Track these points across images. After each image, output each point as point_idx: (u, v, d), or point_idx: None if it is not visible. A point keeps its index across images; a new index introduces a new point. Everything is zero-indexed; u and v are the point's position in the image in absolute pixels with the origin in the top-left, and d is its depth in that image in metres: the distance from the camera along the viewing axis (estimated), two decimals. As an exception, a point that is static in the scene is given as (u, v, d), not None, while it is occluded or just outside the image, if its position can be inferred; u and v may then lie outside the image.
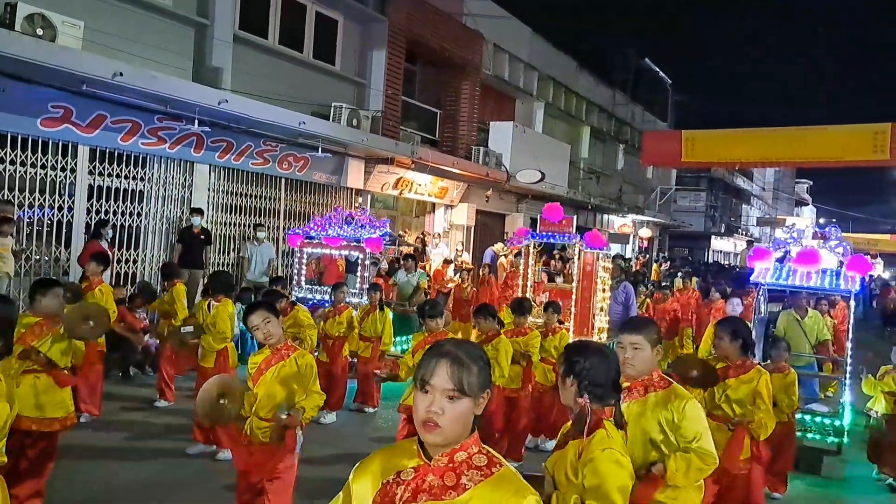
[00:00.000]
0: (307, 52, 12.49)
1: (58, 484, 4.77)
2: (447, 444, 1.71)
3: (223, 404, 3.64)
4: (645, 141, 19.89)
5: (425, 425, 1.69)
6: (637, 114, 26.90)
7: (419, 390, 1.72)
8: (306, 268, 9.62)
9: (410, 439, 1.82)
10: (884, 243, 35.01)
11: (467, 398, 1.70)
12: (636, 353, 2.92)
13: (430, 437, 1.70)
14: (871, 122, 15.59)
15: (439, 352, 1.74)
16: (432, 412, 1.68)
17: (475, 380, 1.70)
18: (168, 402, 7.17)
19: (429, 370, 1.71)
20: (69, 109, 8.40)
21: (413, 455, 1.76)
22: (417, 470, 1.73)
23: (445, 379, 1.69)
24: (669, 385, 2.96)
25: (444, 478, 1.70)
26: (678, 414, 2.85)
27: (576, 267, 8.61)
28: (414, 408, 1.73)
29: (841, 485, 6.19)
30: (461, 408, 1.69)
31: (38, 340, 4.27)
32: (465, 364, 1.70)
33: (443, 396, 1.68)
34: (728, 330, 4.09)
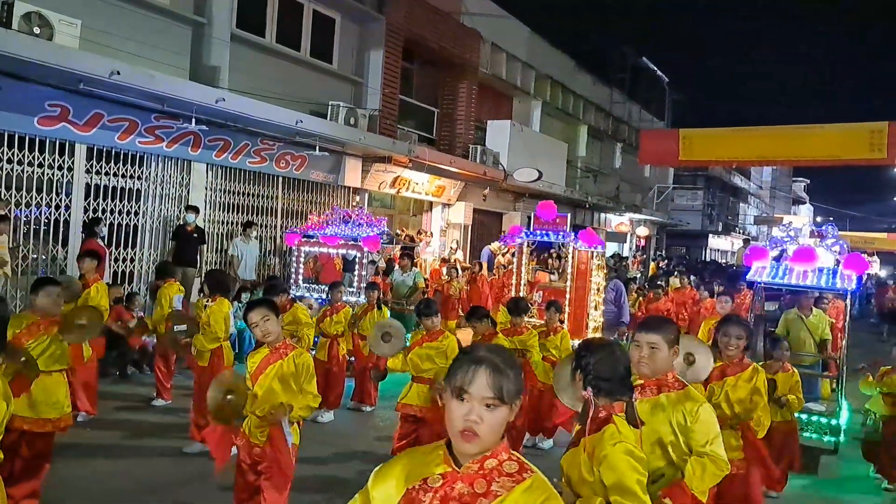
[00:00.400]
0: (304, 51, 12.48)
1: (55, 483, 4.77)
2: (481, 452, 1.67)
3: (230, 400, 3.66)
4: (642, 140, 19.90)
5: (463, 435, 1.63)
6: (634, 112, 26.91)
7: (455, 398, 1.66)
8: (303, 266, 9.63)
9: (436, 444, 1.76)
10: (880, 241, 35.08)
11: (504, 406, 1.66)
12: (653, 353, 2.87)
13: (467, 447, 1.65)
14: (869, 121, 15.62)
15: (476, 358, 1.68)
16: (471, 421, 1.63)
17: (512, 387, 1.66)
18: (165, 400, 7.17)
19: (466, 378, 1.65)
20: (66, 108, 8.38)
21: (440, 461, 1.71)
22: (445, 477, 1.68)
23: (485, 387, 1.64)
24: (684, 387, 2.90)
25: (475, 485, 1.65)
26: (691, 417, 2.80)
27: (570, 265, 8.55)
28: (448, 417, 1.67)
29: (837, 484, 6.21)
30: (499, 416, 1.65)
31: (34, 340, 4.25)
32: (503, 371, 1.66)
33: (481, 405, 1.64)
34: (745, 330, 4.09)
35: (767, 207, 47.36)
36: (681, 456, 2.83)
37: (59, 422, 4.35)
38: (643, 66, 27.82)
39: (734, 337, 4.03)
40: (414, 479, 1.71)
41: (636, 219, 26.62)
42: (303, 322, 6.65)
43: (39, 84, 7.98)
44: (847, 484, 6.22)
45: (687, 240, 35.37)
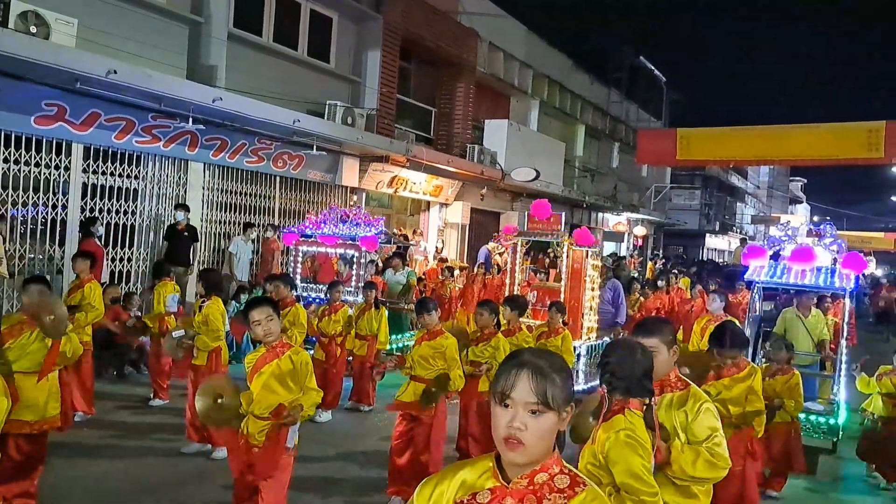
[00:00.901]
0: (302, 50, 12.46)
1: (52, 482, 4.76)
2: (529, 463, 1.59)
3: (221, 403, 3.63)
4: (640, 139, 19.93)
5: (507, 442, 1.56)
6: (632, 112, 26.92)
7: (498, 405, 1.59)
8: (301, 266, 9.61)
9: (485, 456, 1.69)
10: (877, 241, 35.19)
11: (552, 412, 1.57)
12: (653, 356, 2.86)
13: (512, 456, 1.57)
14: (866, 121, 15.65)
15: (519, 362, 1.60)
16: (514, 428, 1.55)
17: (559, 392, 1.58)
18: (163, 400, 7.15)
19: (509, 382, 1.58)
20: (63, 107, 8.35)
21: (489, 474, 1.63)
22: (494, 492, 1.61)
23: (528, 392, 1.56)
24: (687, 386, 2.93)
25: (524, 501, 1.58)
26: (692, 414, 2.83)
27: (564, 265, 8.50)
28: (493, 424, 1.60)
29: (836, 484, 6.21)
30: (546, 423, 1.57)
31: (14, 340, 4.16)
32: (547, 375, 1.58)
33: (525, 411, 1.56)
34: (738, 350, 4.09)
35: (765, 207, 47.43)
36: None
37: (37, 425, 4.16)
38: (641, 65, 27.84)
39: (729, 358, 4.06)
40: (462, 492, 1.64)
41: (634, 218, 26.64)
42: (298, 323, 6.63)
43: (36, 83, 7.95)
44: (846, 484, 6.23)
45: (684, 239, 35.39)
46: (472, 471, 1.67)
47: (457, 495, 1.64)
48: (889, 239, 36.94)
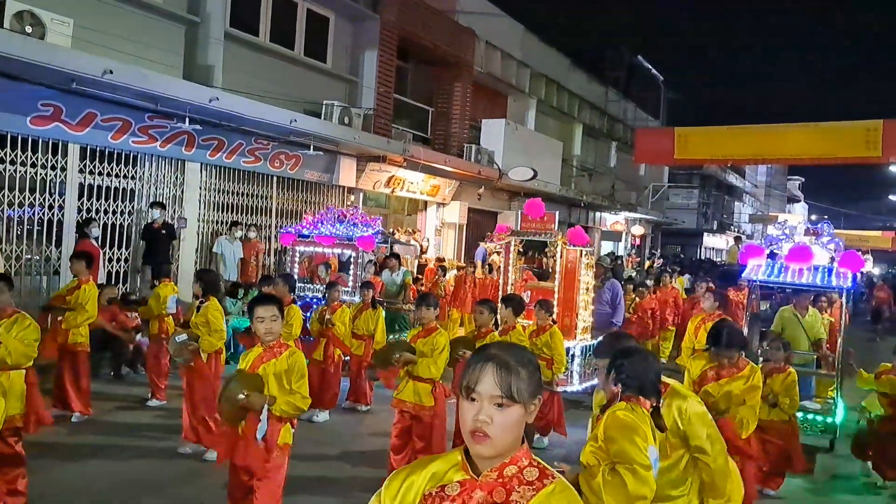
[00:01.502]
0: (298, 50, 12.44)
1: (48, 483, 4.75)
2: (497, 455, 1.60)
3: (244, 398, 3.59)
4: (637, 138, 19.92)
5: (474, 435, 1.58)
6: (630, 111, 26.94)
7: (465, 398, 1.61)
8: (299, 266, 9.59)
9: (454, 450, 1.70)
10: (874, 240, 35.25)
11: (517, 405, 1.58)
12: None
13: (479, 449, 1.59)
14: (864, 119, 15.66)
15: (484, 356, 1.62)
16: (480, 421, 1.57)
17: (525, 385, 1.59)
18: (160, 400, 7.13)
19: (474, 376, 1.59)
20: (59, 108, 8.33)
21: (458, 467, 1.65)
22: (463, 485, 1.61)
23: (493, 385, 1.57)
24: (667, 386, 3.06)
25: (494, 494, 1.58)
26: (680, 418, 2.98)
27: (558, 264, 8.47)
28: (460, 418, 1.62)
29: (833, 482, 6.21)
30: (511, 416, 1.58)
31: None
32: (512, 368, 1.59)
33: (491, 404, 1.57)
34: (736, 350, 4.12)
35: (762, 206, 47.48)
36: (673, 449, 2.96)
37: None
38: (638, 64, 27.86)
39: (725, 358, 4.12)
40: (430, 483, 1.65)
41: (631, 217, 26.65)
42: (291, 324, 6.61)
43: (32, 83, 7.93)
44: (843, 482, 6.23)
45: (682, 238, 35.42)
46: (442, 463, 1.68)
47: (426, 487, 1.65)
48: (887, 237, 37.01)
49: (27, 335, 4.33)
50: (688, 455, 2.95)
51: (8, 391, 4.18)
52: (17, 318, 4.38)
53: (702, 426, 2.94)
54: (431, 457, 1.75)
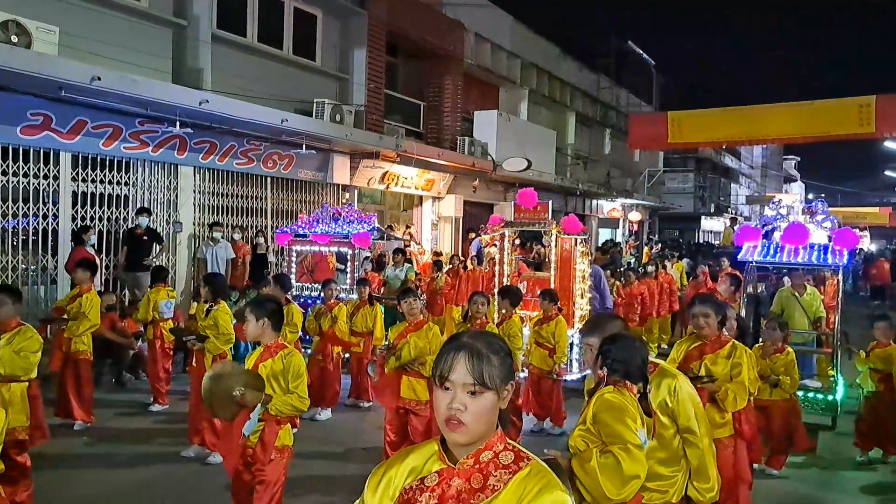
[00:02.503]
0: (287, 49, 12.40)
1: (51, 492, 4.76)
2: (472, 442, 1.61)
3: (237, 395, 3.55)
4: (631, 124, 19.85)
5: (448, 423, 1.59)
6: (622, 97, 26.88)
7: (439, 387, 1.62)
8: (296, 266, 9.59)
9: (431, 440, 1.73)
10: (872, 216, 35.19)
11: (490, 392, 1.60)
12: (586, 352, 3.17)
13: (454, 436, 1.60)
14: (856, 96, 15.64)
15: (456, 345, 1.64)
16: (454, 409, 1.58)
17: (496, 371, 1.61)
18: (162, 405, 7.15)
19: (447, 365, 1.61)
20: (48, 116, 8.31)
21: (435, 457, 1.67)
22: (441, 474, 1.63)
23: (465, 373, 1.59)
24: (656, 366, 3.12)
25: (471, 480, 1.60)
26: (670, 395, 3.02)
27: (553, 253, 8.45)
28: (434, 406, 1.64)
29: (835, 460, 6.23)
30: (484, 403, 1.59)
31: None
32: (483, 356, 1.61)
33: (464, 392, 1.59)
34: (712, 306, 4.07)
35: (759, 187, 47.48)
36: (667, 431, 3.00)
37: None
38: (629, 50, 27.77)
39: (700, 316, 4.01)
40: (409, 476, 1.67)
41: (628, 204, 26.63)
42: (291, 322, 6.62)
43: (20, 93, 7.91)
44: (845, 459, 6.24)
45: (680, 222, 35.41)
46: (419, 456, 1.70)
47: (406, 482, 1.67)
48: (884, 213, 36.96)
49: (28, 346, 4.33)
50: (678, 436, 2.97)
51: (8, 403, 4.17)
52: (21, 329, 4.38)
53: (691, 406, 2.99)
54: (408, 449, 1.77)
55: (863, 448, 6.19)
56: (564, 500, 1.57)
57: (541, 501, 1.55)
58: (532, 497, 1.56)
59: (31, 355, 4.33)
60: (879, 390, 6.08)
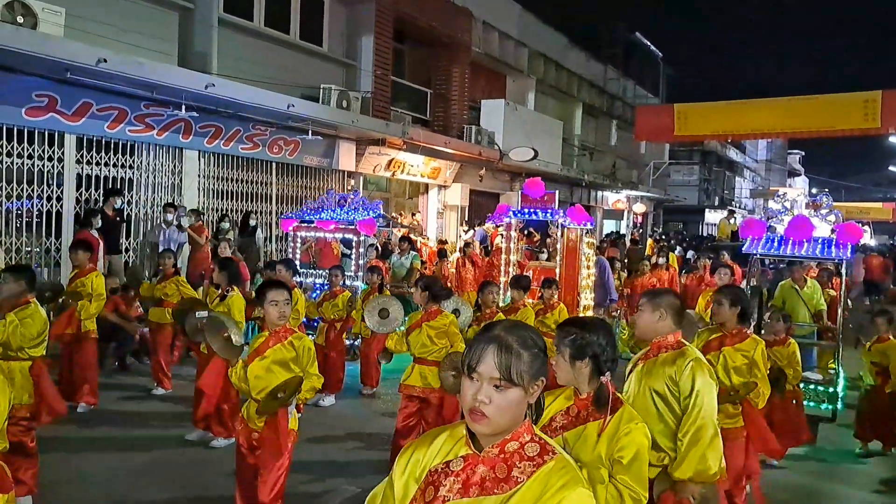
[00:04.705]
0: (294, 34, 12.35)
1: (56, 473, 4.79)
2: (496, 433, 1.60)
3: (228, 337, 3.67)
4: (637, 116, 19.78)
5: (472, 414, 1.58)
6: (629, 89, 26.75)
7: (466, 376, 1.61)
8: (301, 252, 9.59)
9: (459, 423, 1.70)
10: (875, 211, 35.07)
11: (516, 388, 1.57)
12: (639, 316, 3.17)
13: (476, 427, 1.59)
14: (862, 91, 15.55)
15: (488, 336, 1.62)
16: (478, 401, 1.56)
17: (526, 368, 1.58)
18: (165, 389, 7.17)
19: (475, 356, 1.59)
20: (54, 98, 8.30)
21: (462, 442, 1.66)
22: (467, 459, 1.63)
23: (492, 367, 1.57)
24: (681, 346, 3.08)
25: (496, 469, 1.59)
26: (679, 371, 2.97)
27: (559, 243, 8.45)
28: (461, 394, 1.62)
29: (835, 451, 6.25)
30: (510, 397, 1.57)
31: None
32: (514, 351, 1.58)
33: (490, 385, 1.57)
34: (728, 297, 4.08)
35: (763, 181, 47.33)
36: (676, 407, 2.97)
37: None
38: (636, 41, 27.61)
39: (714, 302, 4.11)
40: (437, 461, 1.66)
41: (633, 196, 26.58)
42: (295, 309, 6.61)
43: (25, 74, 7.91)
44: (845, 451, 6.27)
45: (684, 215, 35.35)
46: (448, 438, 1.69)
47: (433, 463, 1.66)
48: (888, 208, 36.81)
49: (28, 319, 4.32)
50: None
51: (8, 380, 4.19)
52: (27, 305, 4.39)
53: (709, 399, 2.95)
54: (437, 430, 1.76)
55: (863, 440, 6.24)
56: (588, 497, 1.55)
57: (563, 497, 1.53)
58: (554, 492, 1.54)
59: (31, 327, 4.31)
60: (878, 384, 6.13)
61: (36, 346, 4.39)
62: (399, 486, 1.69)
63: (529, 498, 1.55)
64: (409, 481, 1.68)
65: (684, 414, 2.94)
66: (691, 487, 2.91)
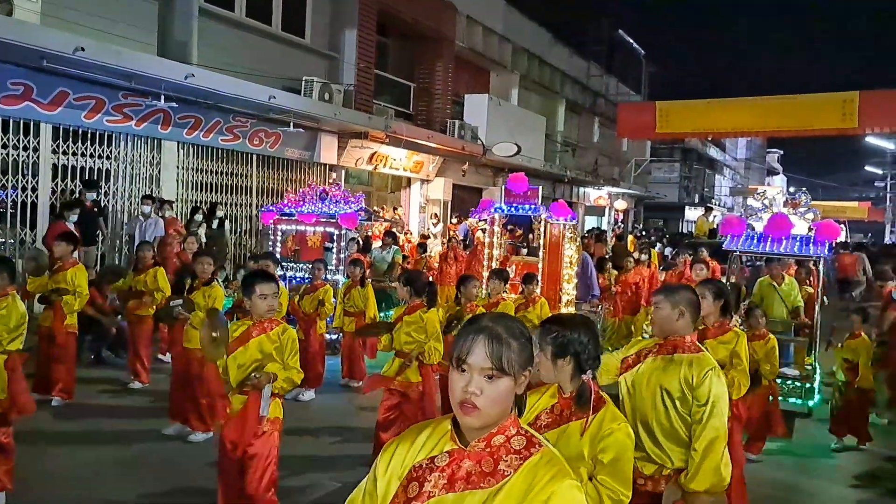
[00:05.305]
0: (276, 25, 12.22)
1: (31, 469, 4.71)
2: (485, 426, 1.59)
3: (216, 338, 3.65)
4: (620, 113, 19.90)
5: (462, 407, 1.56)
6: (612, 86, 26.89)
7: (455, 369, 1.59)
8: (281, 245, 9.52)
9: (443, 418, 1.70)
10: (851, 210, 35.69)
11: (507, 377, 1.56)
12: (656, 311, 3.11)
13: (467, 420, 1.57)
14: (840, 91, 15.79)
15: (476, 328, 1.60)
16: (470, 392, 1.55)
17: (515, 357, 1.58)
18: (142, 383, 7.08)
19: (465, 348, 1.58)
20: (29, 87, 8.14)
21: (447, 437, 1.64)
22: (452, 454, 1.61)
23: (483, 357, 1.56)
24: (699, 352, 3.04)
25: (482, 464, 1.58)
26: (698, 377, 2.92)
27: (542, 238, 8.48)
28: (450, 388, 1.60)
29: (811, 446, 6.35)
30: (501, 388, 1.56)
31: None
32: (504, 341, 1.57)
33: (481, 376, 1.56)
34: (712, 290, 4.09)
35: (743, 179, 47.90)
36: (686, 410, 2.93)
37: None
38: (620, 39, 27.74)
39: (700, 296, 4.04)
40: (420, 454, 1.65)
41: (614, 192, 26.75)
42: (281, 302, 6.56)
43: (0, 62, 7.73)
44: (820, 446, 6.37)
45: (664, 212, 35.68)
46: (431, 434, 1.68)
47: (416, 459, 1.65)
48: (863, 207, 37.52)
49: (4, 315, 4.24)
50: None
51: None
52: (5, 298, 4.31)
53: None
54: (420, 425, 1.74)
55: (837, 435, 6.35)
56: (576, 488, 1.54)
57: (552, 489, 1.53)
58: (543, 485, 1.53)
59: (9, 320, 4.23)
60: (849, 380, 6.26)
61: (13, 339, 4.30)
62: (382, 483, 1.67)
63: (517, 491, 1.54)
64: (391, 478, 1.66)
65: (697, 422, 2.90)
66: (704, 499, 2.89)
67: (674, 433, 2.96)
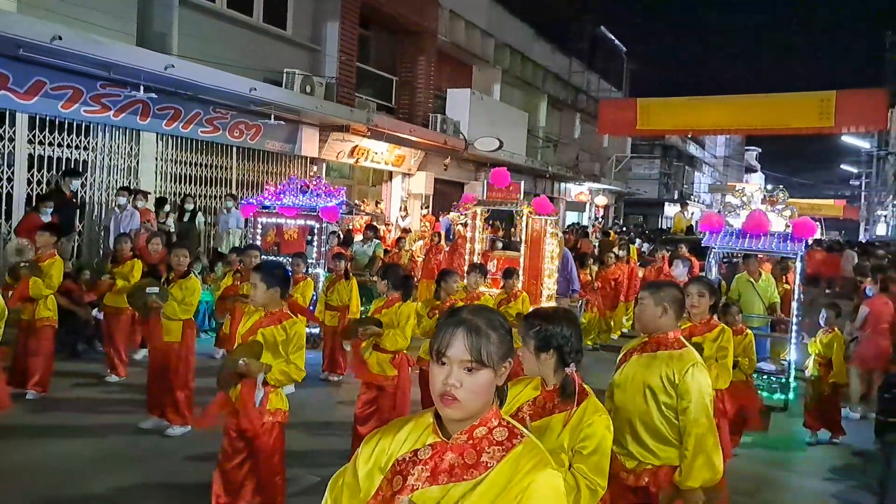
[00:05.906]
0: (257, 17, 12.10)
1: (6, 463, 4.65)
2: (466, 418, 1.60)
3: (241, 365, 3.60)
4: (601, 109, 20.06)
5: (443, 399, 1.57)
6: (593, 82, 27.03)
7: (435, 362, 1.60)
8: (262, 238, 9.44)
9: (425, 412, 1.70)
10: (827, 208, 36.32)
11: (487, 369, 1.58)
12: (640, 307, 3.12)
13: (448, 412, 1.58)
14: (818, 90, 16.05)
15: (455, 320, 1.61)
16: (450, 385, 1.56)
17: (495, 349, 1.59)
18: (119, 377, 7.00)
19: (444, 340, 1.59)
20: (5, 76, 7.99)
21: (429, 430, 1.65)
22: (435, 447, 1.62)
23: (462, 350, 1.57)
24: (682, 347, 3.05)
25: (465, 455, 1.59)
26: (680, 373, 2.93)
27: (523, 233, 8.52)
28: (430, 381, 1.60)
29: (787, 440, 6.46)
30: (481, 380, 1.57)
31: None
32: (483, 333, 1.58)
33: (460, 368, 1.57)
34: (707, 288, 4.14)
35: (721, 176, 48.43)
36: (670, 407, 2.96)
37: None
38: (601, 35, 27.88)
39: (696, 294, 4.06)
40: (403, 448, 1.65)
41: (595, 188, 26.92)
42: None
43: (-26, 49, 7.57)
44: (795, 440, 6.48)
45: (644, 208, 35.99)
46: (413, 427, 1.68)
47: (400, 452, 1.65)
48: (838, 205, 38.19)
49: None
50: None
51: None
52: None
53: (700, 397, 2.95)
54: (403, 419, 1.74)
55: (811, 429, 6.46)
56: (556, 477, 1.56)
57: (533, 478, 1.54)
58: (524, 474, 1.55)
59: None
60: (821, 374, 6.38)
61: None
62: (363, 475, 1.68)
63: (499, 482, 1.55)
64: (373, 470, 1.66)
65: (682, 416, 2.92)
66: (699, 494, 2.93)
67: (657, 431, 2.99)
